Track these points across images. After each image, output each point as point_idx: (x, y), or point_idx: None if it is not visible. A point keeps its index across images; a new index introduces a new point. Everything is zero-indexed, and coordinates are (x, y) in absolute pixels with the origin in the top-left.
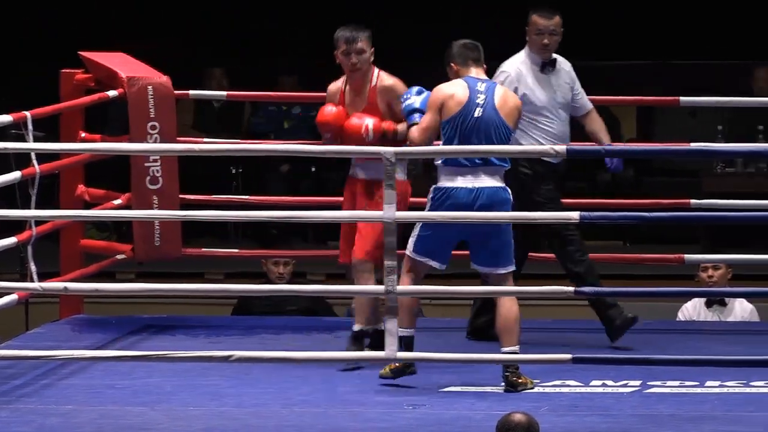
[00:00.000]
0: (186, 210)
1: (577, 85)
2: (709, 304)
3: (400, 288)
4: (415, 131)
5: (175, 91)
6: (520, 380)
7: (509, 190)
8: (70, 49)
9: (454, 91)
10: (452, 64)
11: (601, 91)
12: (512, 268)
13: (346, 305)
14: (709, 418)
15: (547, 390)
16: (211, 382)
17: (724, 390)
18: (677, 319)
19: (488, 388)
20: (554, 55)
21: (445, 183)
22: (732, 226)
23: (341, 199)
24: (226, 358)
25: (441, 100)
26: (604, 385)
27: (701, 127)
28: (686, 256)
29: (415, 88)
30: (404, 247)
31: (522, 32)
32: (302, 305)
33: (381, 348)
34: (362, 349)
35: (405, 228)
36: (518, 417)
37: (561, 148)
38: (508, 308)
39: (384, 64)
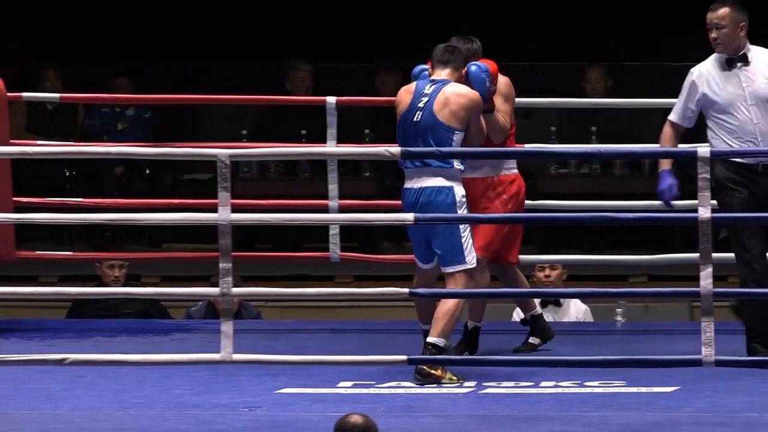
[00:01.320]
0: (20, 213)
1: None
2: (544, 305)
3: (235, 290)
4: None
5: (8, 93)
6: (433, 372)
7: (454, 190)
8: None
9: (401, 96)
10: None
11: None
12: (461, 267)
13: (183, 308)
14: (545, 418)
15: (383, 391)
16: (46, 385)
17: (559, 390)
18: (512, 320)
19: (324, 390)
20: (752, 48)
21: (404, 185)
22: (564, 226)
23: (176, 201)
24: (60, 361)
25: (396, 104)
26: (439, 386)
27: (535, 129)
28: (521, 256)
29: (482, 65)
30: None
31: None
32: (137, 308)
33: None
34: (476, 346)
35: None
36: (355, 418)
37: (396, 149)
38: (444, 302)
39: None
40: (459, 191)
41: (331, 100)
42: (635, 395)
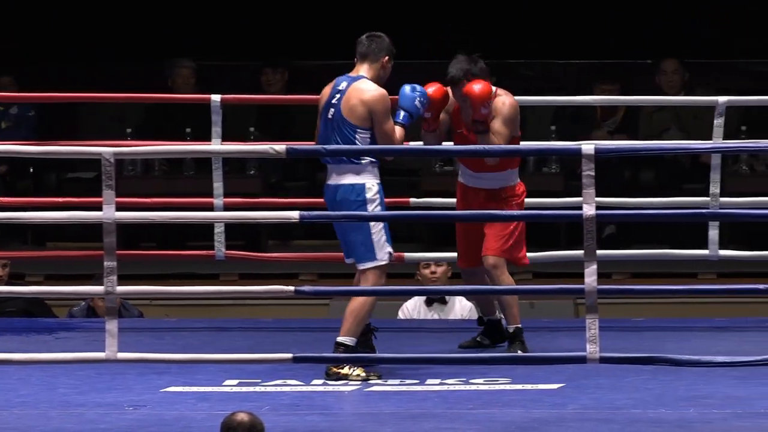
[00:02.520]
0: None
1: None
2: (429, 303)
3: (120, 289)
4: None
5: None
6: (339, 371)
7: (366, 187)
8: None
9: (323, 92)
10: None
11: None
12: (371, 264)
13: (67, 306)
14: (430, 415)
15: (269, 389)
16: None
17: (445, 388)
18: (398, 318)
19: (210, 389)
20: None
21: (325, 181)
22: (450, 224)
23: (60, 199)
24: None
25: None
26: (325, 384)
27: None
28: (406, 254)
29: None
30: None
31: None
32: (20, 307)
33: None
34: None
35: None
36: (241, 416)
37: (281, 147)
38: (352, 300)
39: None
40: (372, 187)
41: (216, 98)
42: (520, 392)
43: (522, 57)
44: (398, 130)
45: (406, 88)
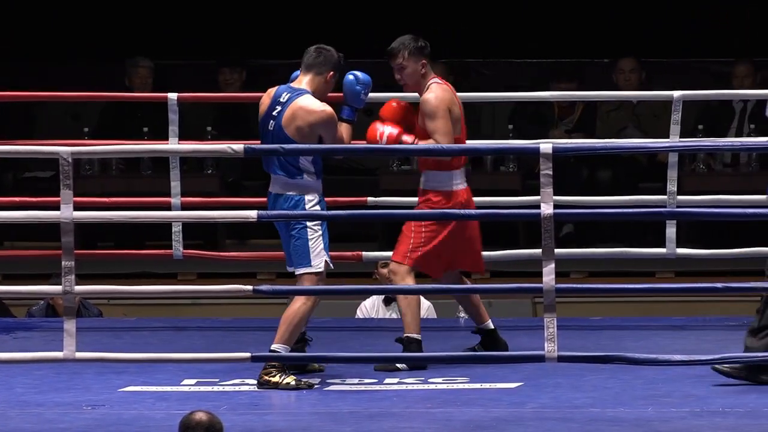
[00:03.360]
0: None
1: None
2: (387, 302)
3: (78, 288)
4: None
5: None
6: (270, 379)
7: (294, 200)
8: None
9: (263, 99)
10: None
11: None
12: (304, 270)
13: (25, 306)
14: (389, 415)
15: (227, 389)
16: None
17: (403, 387)
18: (356, 317)
19: (168, 388)
20: None
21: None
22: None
23: (17, 199)
24: None
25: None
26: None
27: None
28: (364, 253)
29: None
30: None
31: None
32: None
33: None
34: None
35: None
36: (199, 416)
37: (238, 147)
38: (291, 306)
39: None
40: (309, 199)
41: (173, 96)
42: (479, 391)
43: (479, 56)
44: (344, 129)
45: (349, 80)
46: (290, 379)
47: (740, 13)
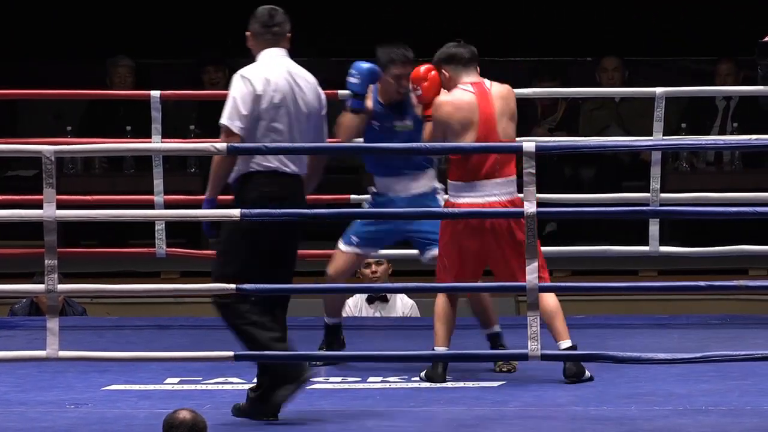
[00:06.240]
0: None
1: None
2: (370, 300)
3: (61, 287)
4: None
5: None
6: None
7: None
8: None
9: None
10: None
11: None
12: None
13: (8, 305)
14: (372, 413)
15: (211, 387)
16: None
17: (387, 386)
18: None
19: (151, 387)
20: None
21: None
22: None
23: (0, 197)
24: None
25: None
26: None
27: None
28: None
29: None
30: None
31: None
32: None
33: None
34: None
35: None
36: (183, 414)
37: (222, 145)
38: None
39: None
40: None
41: (156, 94)
42: (462, 390)
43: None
44: (348, 119)
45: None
46: None
47: (723, 12)
